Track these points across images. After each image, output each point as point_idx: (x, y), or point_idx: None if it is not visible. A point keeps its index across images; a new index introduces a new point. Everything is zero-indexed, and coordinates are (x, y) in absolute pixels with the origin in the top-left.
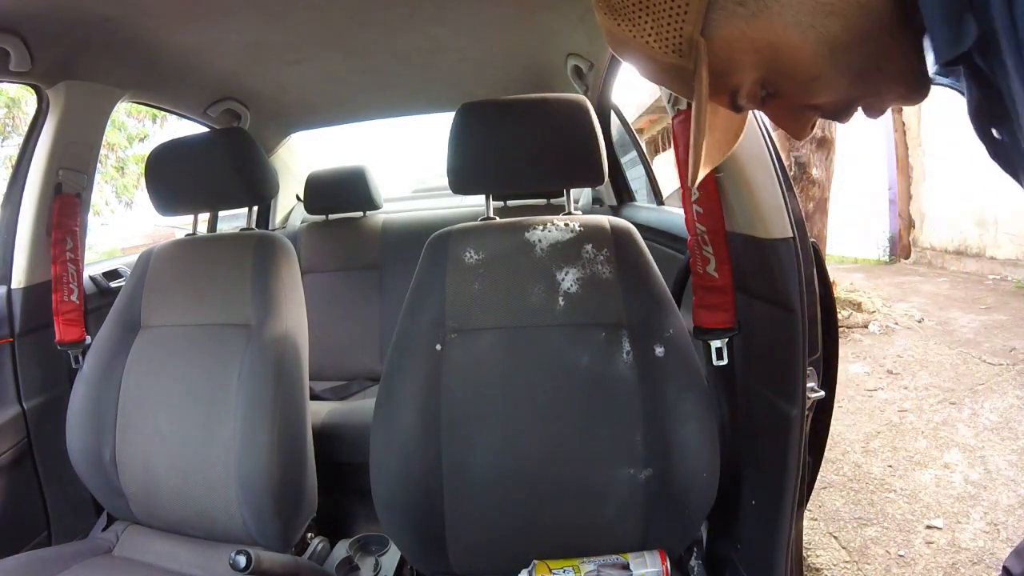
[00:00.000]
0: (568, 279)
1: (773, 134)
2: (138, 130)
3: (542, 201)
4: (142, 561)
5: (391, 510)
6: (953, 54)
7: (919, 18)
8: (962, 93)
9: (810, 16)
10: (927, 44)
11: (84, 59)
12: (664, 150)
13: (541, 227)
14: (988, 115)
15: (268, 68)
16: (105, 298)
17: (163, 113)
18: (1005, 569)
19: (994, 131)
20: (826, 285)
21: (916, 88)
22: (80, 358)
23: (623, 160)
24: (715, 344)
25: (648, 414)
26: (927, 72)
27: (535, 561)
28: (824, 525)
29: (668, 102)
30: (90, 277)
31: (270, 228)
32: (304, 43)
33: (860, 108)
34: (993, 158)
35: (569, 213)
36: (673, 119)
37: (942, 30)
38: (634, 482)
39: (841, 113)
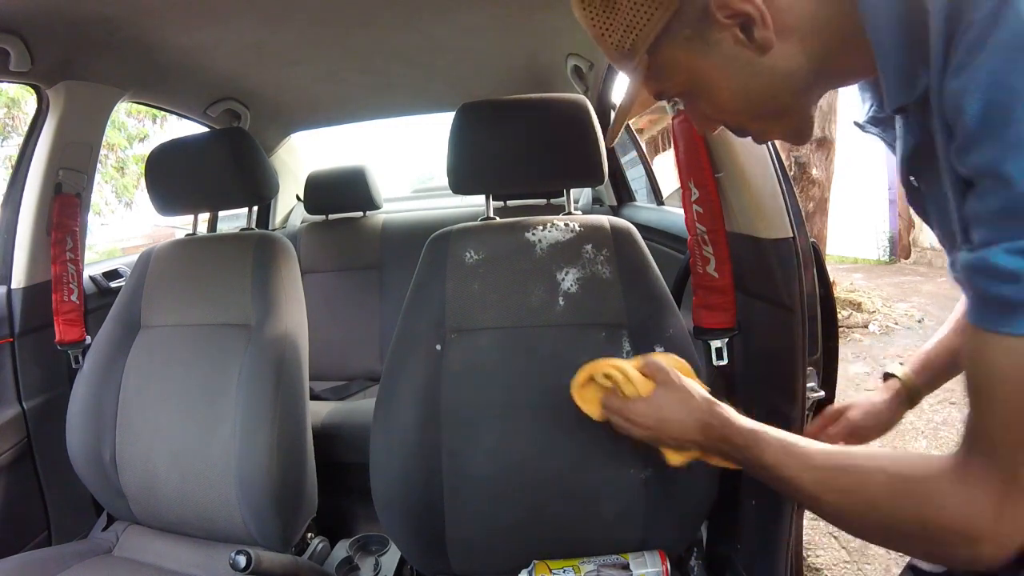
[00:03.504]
0: (568, 279)
1: None
2: (138, 130)
3: (542, 201)
4: (142, 561)
5: (391, 510)
6: (907, 100)
7: (836, 75)
8: (886, 142)
9: (739, 71)
10: (864, 96)
11: (84, 59)
12: (664, 150)
13: (541, 227)
14: (918, 160)
15: (268, 68)
16: (105, 298)
17: (163, 113)
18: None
19: (912, 179)
20: (826, 285)
21: (799, 136)
22: (80, 358)
23: (623, 160)
24: (715, 344)
25: None
26: (811, 126)
27: (535, 561)
28: (824, 525)
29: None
30: (90, 277)
31: (270, 228)
32: (304, 43)
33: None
34: (909, 202)
35: (569, 213)
36: (673, 119)
37: (900, 81)
38: (634, 482)
39: (738, 132)
